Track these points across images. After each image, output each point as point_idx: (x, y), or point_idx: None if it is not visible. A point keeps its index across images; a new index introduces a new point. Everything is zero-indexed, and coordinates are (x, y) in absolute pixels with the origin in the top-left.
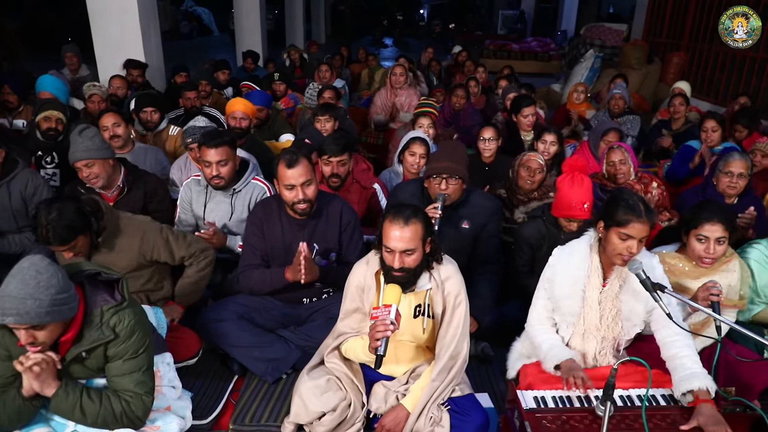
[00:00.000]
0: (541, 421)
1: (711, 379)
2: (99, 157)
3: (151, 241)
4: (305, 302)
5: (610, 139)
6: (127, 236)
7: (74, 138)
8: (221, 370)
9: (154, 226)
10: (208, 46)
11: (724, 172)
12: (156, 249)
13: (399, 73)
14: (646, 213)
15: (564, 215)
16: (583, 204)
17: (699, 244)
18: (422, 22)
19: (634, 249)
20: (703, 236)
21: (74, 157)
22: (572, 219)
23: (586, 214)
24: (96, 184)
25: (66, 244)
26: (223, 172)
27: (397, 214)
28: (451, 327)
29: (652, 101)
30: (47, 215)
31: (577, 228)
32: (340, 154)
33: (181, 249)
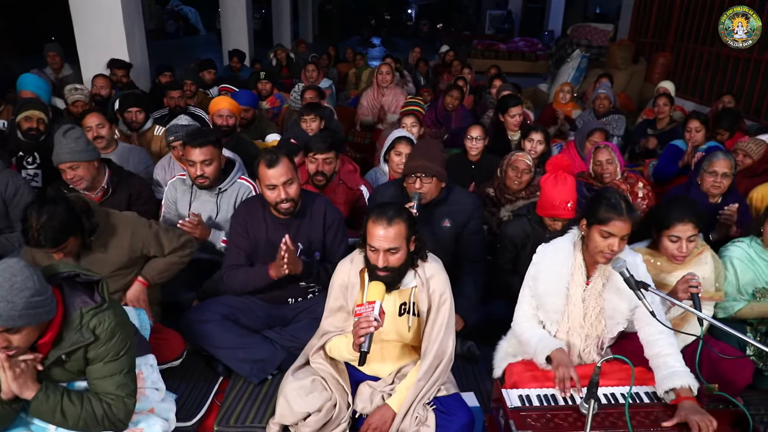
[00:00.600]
0: (526, 420)
1: (693, 377)
2: (84, 159)
3: (141, 236)
4: (290, 302)
5: (596, 139)
6: (118, 233)
7: (59, 139)
8: (206, 372)
9: (142, 221)
10: (195, 45)
11: (708, 172)
12: (146, 243)
13: (385, 72)
14: (627, 211)
15: (548, 214)
16: (567, 203)
17: (671, 244)
18: (410, 22)
19: (615, 247)
20: (675, 236)
21: (58, 159)
22: (556, 218)
23: (569, 213)
24: (80, 186)
25: (57, 246)
26: (208, 171)
27: (380, 213)
28: (436, 325)
29: (638, 101)
30: (38, 218)
31: (562, 227)
32: (326, 151)
33: (172, 241)
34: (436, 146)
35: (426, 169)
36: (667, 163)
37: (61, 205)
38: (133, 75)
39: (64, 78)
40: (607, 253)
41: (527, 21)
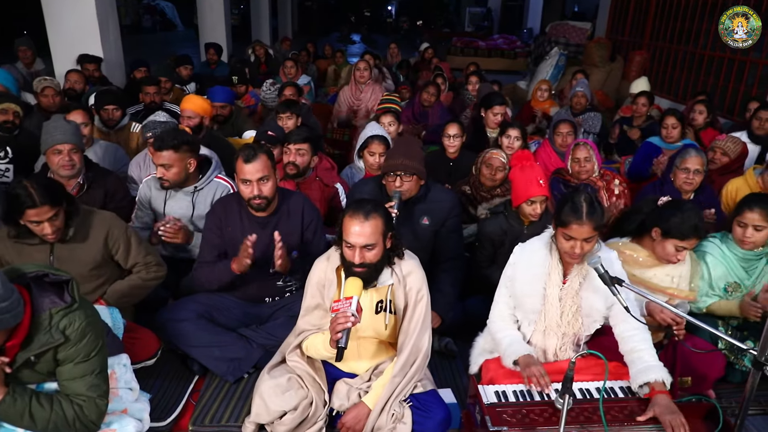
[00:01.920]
0: (502, 415)
1: (666, 371)
2: (79, 144)
3: (115, 236)
4: (267, 301)
5: (562, 130)
6: (95, 227)
7: (54, 122)
8: (181, 371)
9: (120, 222)
10: (172, 41)
11: (680, 168)
12: (118, 244)
13: (363, 68)
14: (588, 215)
15: (524, 198)
16: (538, 180)
17: (675, 252)
18: (390, 19)
19: (577, 249)
20: (684, 247)
21: (54, 141)
22: (533, 200)
23: (543, 190)
24: (68, 171)
25: (55, 205)
26: (168, 175)
27: (357, 209)
28: (413, 322)
29: (615, 98)
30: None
31: (540, 215)
32: (301, 142)
33: (139, 255)
34: (415, 144)
35: (406, 168)
36: (642, 161)
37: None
38: (108, 70)
39: (36, 72)
40: (570, 254)
41: (506, 19)
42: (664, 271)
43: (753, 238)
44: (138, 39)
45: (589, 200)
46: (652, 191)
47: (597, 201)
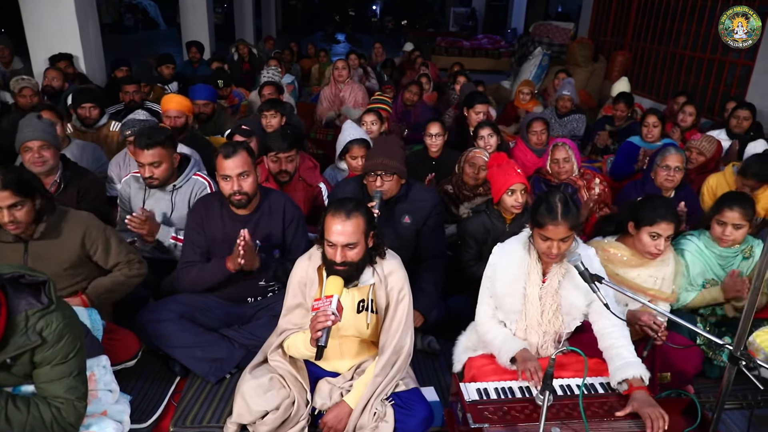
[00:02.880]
0: (483, 413)
1: (644, 368)
2: (53, 142)
3: (93, 236)
4: (250, 301)
5: (536, 128)
6: (70, 226)
7: (28, 120)
8: (162, 372)
9: (98, 222)
10: (154, 40)
11: (661, 166)
12: (96, 245)
13: (341, 67)
14: (563, 215)
15: (504, 188)
16: (515, 169)
17: (651, 240)
18: (374, 19)
19: (554, 249)
20: (656, 233)
21: (26, 138)
22: (513, 188)
23: (522, 178)
24: (40, 168)
25: (19, 194)
26: (157, 173)
27: (338, 207)
28: (395, 321)
29: (598, 97)
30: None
31: (522, 206)
32: (288, 150)
33: (120, 254)
34: (396, 143)
35: (387, 167)
36: (623, 160)
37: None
38: (88, 69)
39: (14, 72)
40: (548, 254)
41: (491, 19)
42: (648, 272)
43: (732, 236)
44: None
45: (563, 200)
46: (633, 189)
47: (572, 200)
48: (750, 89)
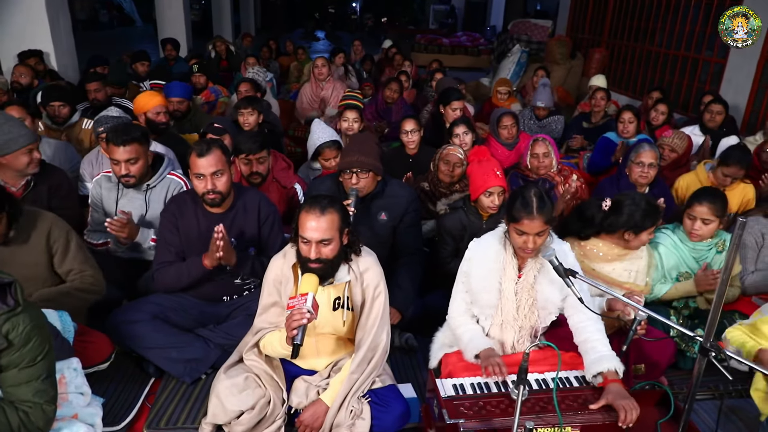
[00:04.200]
0: (459, 408)
1: (618, 360)
2: None
3: (55, 235)
4: (225, 300)
5: (506, 123)
6: (37, 229)
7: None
8: (136, 373)
9: (63, 223)
10: (130, 36)
11: (635, 163)
12: (57, 245)
13: (321, 64)
14: (538, 209)
15: (482, 189)
16: (495, 171)
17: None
18: (354, 16)
19: (530, 244)
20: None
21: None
22: (491, 190)
23: (501, 181)
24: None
25: None
26: (134, 170)
27: (313, 204)
28: (371, 318)
29: (576, 94)
30: None
31: (499, 207)
32: (259, 151)
33: (75, 261)
34: (370, 140)
35: (362, 164)
36: (600, 156)
37: None
38: (60, 66)
39: None
40: (524, 249)
41: (470, 16)
42: (623, 265)
43: (701, 230)
44: (94, 35)
45: (538, 194)
46: (609, 185)
47: (546, 195)
48: (723, 86)
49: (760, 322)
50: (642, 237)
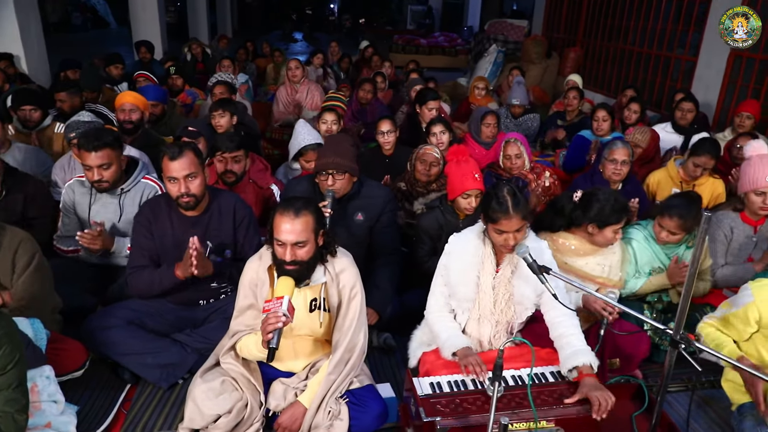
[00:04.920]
0: (435, 406)
1: (593, 355)
2: None
3: (20, 253)
4: (202, 304)
5: (490, 121)
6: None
7: None
8: (111, 380)
9: (32, 245)
10: (105, 39)
11: (609, 160)
12: (20, 263)
13: (294, 67)
14: (514, 207)
15: (459, 192)
16: (474, 174)
17: (614, 235)
18: (332, 17)
19: (510, 241)
20: (619, 228)
21: None
22: (468, 193)
23: (479, 184)
24: None
25: None
26: (107, 175)
27: (287, 206)
28: (347, 319)
29: (552, 93)
30: None
31: (475, 208)
32: (235, 150)
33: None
34: (346, 141)
35: (338, 166)
36: (575, 154)
37: None
38: (30, 69)
39: None
40: (505, 247)
41: (447, 16)
42: (596, 260)
43: (668, 239)
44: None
45: (511, 192)
46: (583, 182)
47: (519, 191)
48: (694, 83)
49: (732, 316)
50: (606, 233)
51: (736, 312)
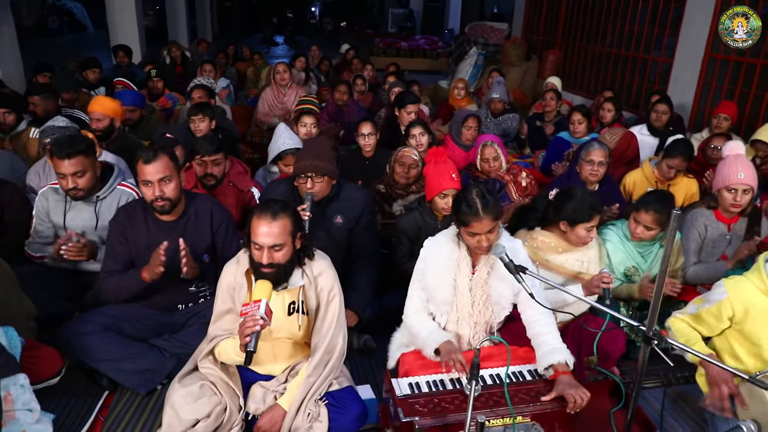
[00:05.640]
0: (414, 406)
1: (569, 353)
2: None
3: None
4: (180, 308)
5: (471, 125)
6: None
7: None
8: (89, 387)
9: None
10: (82, 43)
11: (586, 161)
12: None
13: (282, 70)
14: (483, 209)
15: (437, 191)
16: (451, 174)
17: (587, 233)
18: (313, 20)
19: (483, 242)
20: (592, 226)
21: None
22: (445, 192)
23: (456, 184)
24: None
25: None
26: (81, 183)
27: (264, 209)
28: (326, 322)
29: (532, 95)
30: None
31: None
32: (214, 153)
33: None
34: (325, 144)
35: (317, 169)
36: (553, 155)
37: None
38: (4, 74)
39: None
40: (479, 248)
41: (428, 19)
42: (575, 256)
43: (643, 235)
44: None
45: (480, 194)
46: (560, 184)
47: (488, 192)
48: (670, 85)
49: (705, 312)
50: (578, 231)
51: (709, 308)
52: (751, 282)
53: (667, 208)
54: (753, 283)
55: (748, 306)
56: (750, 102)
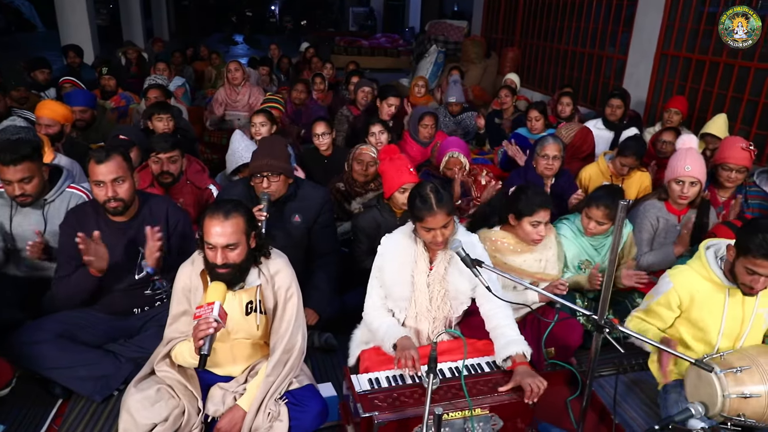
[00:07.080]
0: (373, 401)
1: (526, 344)
2: None
3: None
4: (136, 312)
5: (428, 122)
6: None
7: None
8: (41, 396)
9: None
10: (31, 43)
11: (541, 156)
12: None
13: (234, 69)
14: (437, 203)
15: (397, 186)
16: (408, 168)
17: (533, 228)
18: (273, 19)
19: (439, 237)
20: (537, 221)
21: None
22: (405, 187)
23: (414, 177)
24: None
25: None
26: (29, 189)
27: (216, 209)
28: (284, 321)
29: (492, 92)
30: None
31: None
32: (170, 150)
33: None
34: (279, 143)
35: (272, 168)
36: None
37: None
38: None
39: None
40: (434, 244)
41: (389, 18)
42: (533, 256)
43: (595, 230)
44: None
45: (434, 189)
46: (517, 178)
47: (442, 188)
48: (625, 81)
49: (655, 305)
50: (524, 225)
51: (658, 300)
52: (694, 270)
53: (617, 203)
54: (696, 271)
55: (693, 293)
56: (700, 97)
